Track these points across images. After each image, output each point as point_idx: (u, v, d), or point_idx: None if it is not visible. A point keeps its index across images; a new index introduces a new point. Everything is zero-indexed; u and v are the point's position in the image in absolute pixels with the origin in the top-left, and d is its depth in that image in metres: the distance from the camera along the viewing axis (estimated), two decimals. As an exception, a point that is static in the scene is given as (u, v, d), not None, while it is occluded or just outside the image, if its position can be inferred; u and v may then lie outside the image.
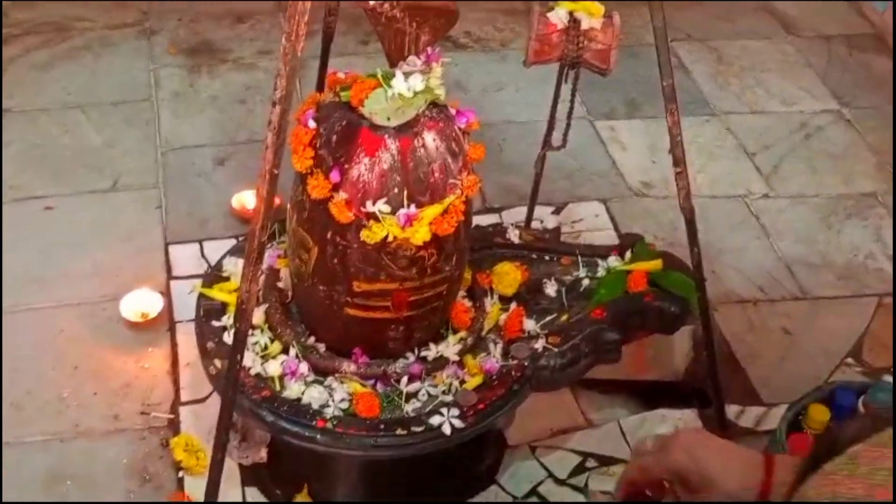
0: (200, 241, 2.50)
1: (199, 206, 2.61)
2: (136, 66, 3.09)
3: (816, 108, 3.13)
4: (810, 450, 0.91)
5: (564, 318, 1.94)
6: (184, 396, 2.17)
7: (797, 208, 2.77)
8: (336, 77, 1.71)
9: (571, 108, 2.04)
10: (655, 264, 2.03)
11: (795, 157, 2.94)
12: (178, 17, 3.31)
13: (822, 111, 3.12)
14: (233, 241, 2.23)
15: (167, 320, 2.31)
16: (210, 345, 1.85)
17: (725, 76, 3.24)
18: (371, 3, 1.62)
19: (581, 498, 2.03)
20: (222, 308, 1.90)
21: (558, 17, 1.84)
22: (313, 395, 1.74)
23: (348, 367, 1.78)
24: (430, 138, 1.61)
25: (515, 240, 2.09)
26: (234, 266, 1.94)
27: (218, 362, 1.81)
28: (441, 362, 1.82)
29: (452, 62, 2.82)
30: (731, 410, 2.19)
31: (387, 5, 1.62)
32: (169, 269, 2.43)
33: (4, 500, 1.91)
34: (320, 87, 2.01)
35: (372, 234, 1.60)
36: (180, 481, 2.02)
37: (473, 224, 1.88)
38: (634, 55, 3.10)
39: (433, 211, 1.62)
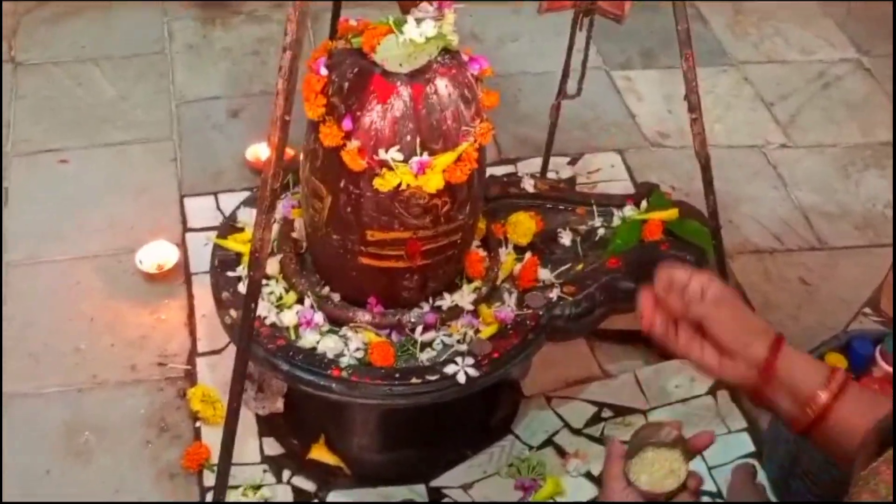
0: (215, 194, 2.50)
1: (213, 158, 2.61)
2: (150, 19, 3.07)
3: (835, 56, 3.09)
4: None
5: (579, 267, 1.93)
6: (200, 347, 2.18)
7: (815, 158, 2.75)
8: (348, 24, 1.70)
9: (586, 56, 2.02)
10: (671, 213, 2.02)
11: (813, 107, 2.91)
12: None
13: (840, 60, 3.08)
14: (247, 193, 2.22)
15: (183, 272, 2.31)
16: (225, 295, 1.85)
17: (743, 26, 3.20)
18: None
19: (596, 447, 2.03)
20: (237, 258, 1.90)
21: (572, -37, 1.83)
22: (328, 345, 1.74)
23: (363, 316, 1.78)
24: (442, 85, 1.60)
25: (530, 189, 2.08)
26: (249, 217, 1.94)
27: (233, 312, 1.81)
28: (456, 311, 1.81)
29: (466, 12, 2.80)
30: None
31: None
32: (184, 221, 2.44)
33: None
34: (332, 36, 1.99)
35: (385, 182, 1.59)
36: (197, 431, 2.03)
37: (488, 174, 1.87)
38: (651, 4, 3.06)
39: (446, 158, 1.61)
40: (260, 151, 2.55)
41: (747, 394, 1.29)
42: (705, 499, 1.94)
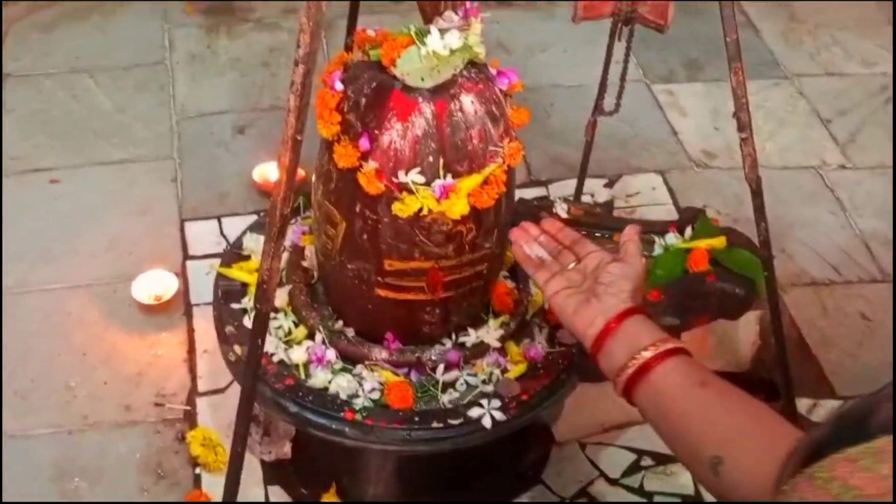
0: (219, 218, 2.51)
1: (217, 178, 2.62)
2: (150, 27, 3.11)
3: (900, 69, 3.09)
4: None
5: (617, 300, 1.92)
6: (201, 386, 2.18)
7: (877, 180, 2.74)
8: (365, 35, 1.71)
9: (625, 69, 2.02)
10: (718, 241, 2.01)
11: (875, 124, 2.90)
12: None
13: (905, 73, 3.08)
14: (254, 217, 2.23)
15: (183, 303, 2.32)
16: (229, 329, 1.85)
17: (798, 34, 3.20)
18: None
19: (635, 499, 2.02)
20: (242, 289, 1.91)
21: (611, -33, 1.83)
22: (341, 384, 1.74)
23: (379, 353, 1.78)
24: (468, 101, 1.60)
25: (563, 214, 2.08)
26: (256, 243, 1.95)
27: (238, 348, 1.81)
28: (481, 349, 1.81)
29: (494, 19, 2.80)
30: (803, 404, 2.17)
31: (420, -43, 1.61)
32: (185, 247, 2.45)
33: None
34: (349, 47, 2.00)
35: (404, 207, 1.60)
36: (197, 478, 2.03)
37: (517, 197, 1.87)
38: (696, 10, 3.05)
39: (472, 181, 1.61)
40: (268, 172, 2.56)
41: (586, 347, 1.45)
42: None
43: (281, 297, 1.85)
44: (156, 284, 2.33)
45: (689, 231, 2.05)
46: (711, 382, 1.30)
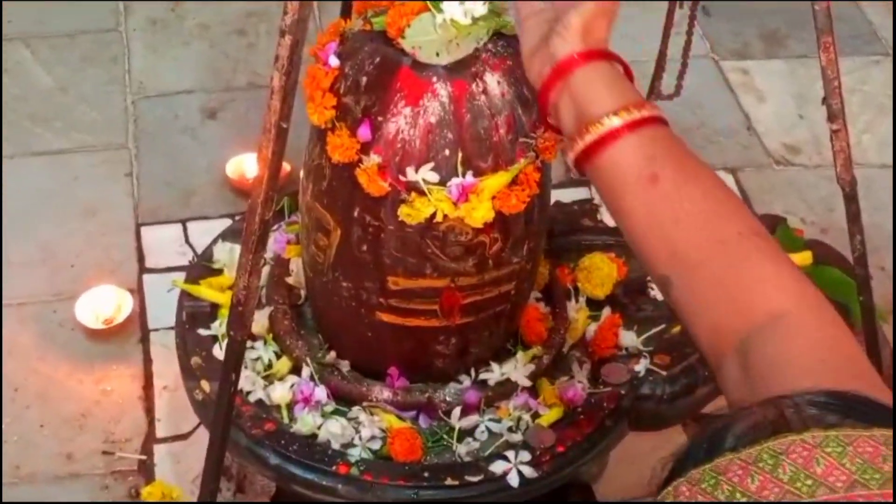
0: (184, 222, 2.52)
1: (182, 173, 2.63)
2: (100, -16, 3.12)
3: None
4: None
5: (676, 329, 1.92)
6: (159, 431, 2.19)
7: None
8: (367, -2, 1.72)
9: (689, 41, 2.02)
10: (803, 257, 2.01)
11: None
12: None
13: None
14: (227, 222, 2.24)
15: (138, 328, 2.33)
16: (195, 361, 1.85)
17: (903, 0, 3.21)
18: None
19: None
20: (212, 311, 1.91)
21: (672, -82, 1.83)
22: (333, 431, 1.75)
23: (381, 392, 1.78)
24: (493, 81, 1.61)
25: (611, 223, 2.08)
26: (229, 254, 1.95)
27: (206, 385, 1.81)
28: (506, 388, 1.81)
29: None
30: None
31: None
32: (141, 258, 2.45)
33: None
34: (346, 13, 2.01)
35: (414, 212, 1.60)
36: (154, 545, 2.04)
37: (553, 200, 1.87)
38: (777, -29, 3.08)
39: (497, 181, 1.61)
40: (245, 166, 2.57)
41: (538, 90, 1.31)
42: None
43: (260, 322, 1.85)
44: (105, 304, 2.33)
45: (766, 244, 2.05)
46: (667, 175, 1.19)
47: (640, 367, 1.86)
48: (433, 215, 1.60)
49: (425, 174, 1.59)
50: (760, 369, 1.06)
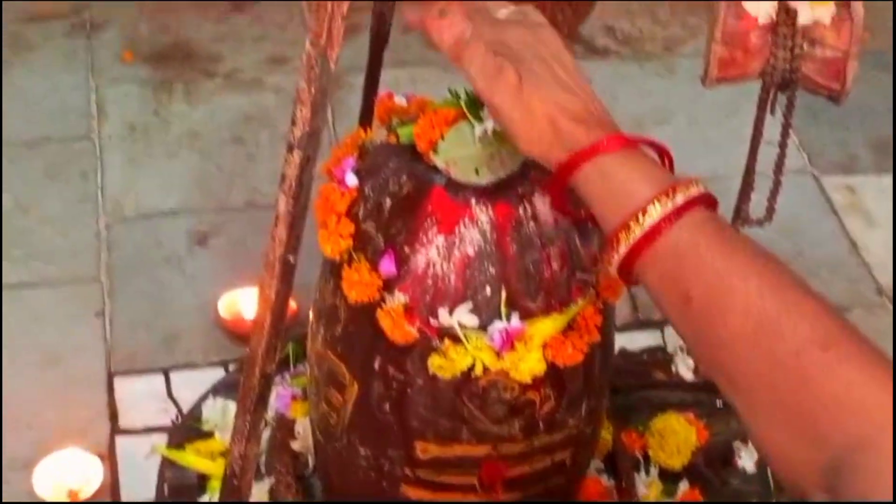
0: (166, 372, 2.52)
1: (165, 312, 2.64)
2: (68, 83, 3.17)
3: None
4: None
5: (771, 508, 1.93)
6: None
7: None
8: (392, 103, 1.74)
9: (782, 154, 2.04)
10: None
11: None
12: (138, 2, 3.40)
13: None
14: (219, 372, 2.26)
15: (109, 501, 2.33)
16: (179, 544, 1.86)
17: None
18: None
19: None
20: (200, 483, 1.92)
21: (760, 4, 1.87)
22: None
23: (407, 585, 1.78)
24: (544, 205, 1.63)
25: (688, 376, 2.09)
26: (221, 413, 1.97)
27: (191, 574, 1.82)
28: (562, 580, 1.81)
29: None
30: None
31: (476, -13, 1.66)
32: (114, 415, 2.45)
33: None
34: (366, 121, 2.04)
35: (447, 364, 1.61)
36: None
37: (617, 349, 1.88)
38: (887, 66, 3.11)
39: (549, 326, 1.63)
40: (242, 303, 2.57)
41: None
42: None
43: (259, 496, 1.85)
44: (69, 472, 2.33)
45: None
46: (699, 293, 1.23)
47: (726, 554, 1.87)
48: (471, 368, 1.61)
49: (462, 317, 1.61)
50: None
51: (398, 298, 1.61)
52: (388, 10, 2.03)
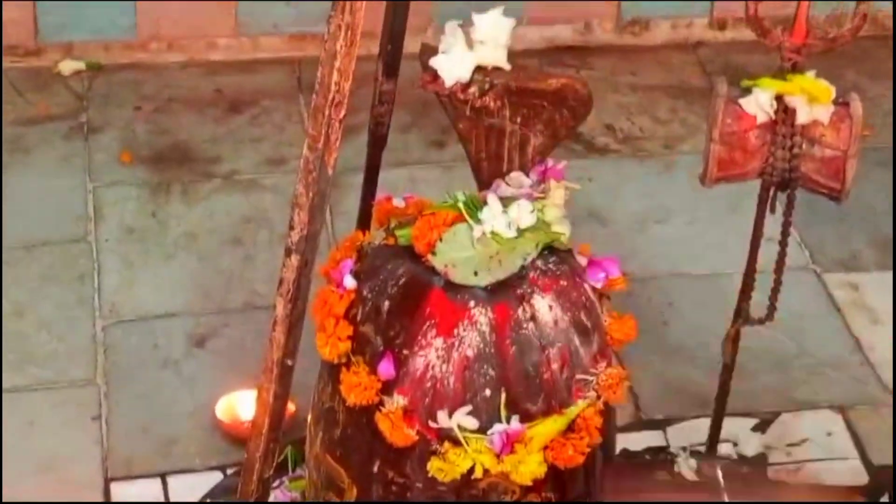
0: (163, 476, 2.52)
1: (161, 415, 2.64)
2: (65, 185, 3.17)
3: None
4: None
5: None
6: None
7: None
8: (390, 205, 1.75)
9: (783, 252, 2.05)
10: (932, 519, 2.00)
11: None
12: (136, 105, 3.42)
13: None
14: (217, 476, 2.25)
15: None
16: None
17: None
18: (447, 84, 1.66)
19: None
20: (199, 593, 1.91)
21: (758, 104, 1.87)
22: None
23: None
24: (544, 306, 1.63)
25: (691, 476, 2.08)
26: (219, 519, 1.95)
27: None
28: None
29: (583, 177, 2.85)
30: None
31: (474, 88, 1.66)
32: (111, 521, 2.45)
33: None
34: (364, 222, 2.05)
35: (447, 467, 1.60)
36: None
37: (618, 450, 1.87)
38: (888, 163, 3.12)
39: (550, 427, 1.62)
40: (239, 407, 2.57)
41: None
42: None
43: None
44: (67, 580, 2.32)
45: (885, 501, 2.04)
46: None
47: None
48: (471, 470, 1.61)
49: (461, 419, 1.60)
50: None
51: (397, 401, 1.61)
52: (387, 112, 2.04)
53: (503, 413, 1.62)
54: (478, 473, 1.61)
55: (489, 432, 1.61)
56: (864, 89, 3.35)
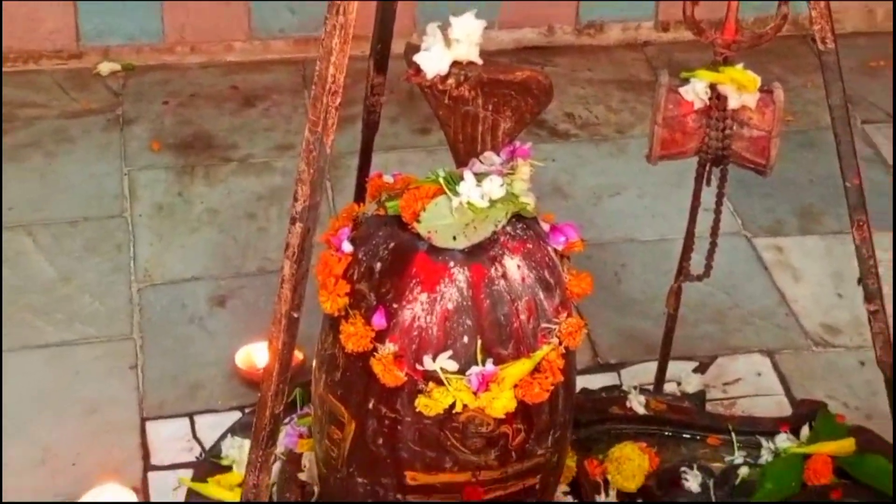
0: (191, 416, 2.52)
1: (190, 365, 2.64)
2: (104, 169, 3.18)
3: None
4: None
5: (714, 524, 1.92)
6: None
7: None
8: (381, 181, 1.75)
9: (717, 219, 2.05)
10: (845, 445, 2.00)
11: None
12: (164, 100, 3.43)
13: None
14: (236, 415, 2.25)
15: (143, 528, 2.32)
16: (203, 566, 1.85)
17: (945, 171, 3.24)
18: (429, 77, 1.67)
19: None
20: (220, 510, 1.92)
21: (695, 92, 1.88)
22: None
23: None
24: (513, 265, 1.63)
25: (640, 410, 2.09)
26: (238, 450, 1.96)
27: (213, 590, 1.81)
28: (534, 590, 1.80)
29: (547, 157, 2.85)
30: None
31: (451, 80, 1.67)
32: (146, 454, 2.44)
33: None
34: (359, 196, 2.05)
35: (432, 403, 1.61)
36: None
37: (579, 388, 1.88)
38: (808, 143, 3.13)
39: (519, 369, 1.63)
40: (255, 356, 2.57)
41: None
42: None
43: (271, 522, 1.85)
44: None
45: (806, 431, 2.05)
46: None
47: (676, 565, 1.85)
48: (452, 406, 1.62)
49: (443, 363, 1.61)
50: None
51: (388, 348, 1.62)
52: (378, 103, 2.05)
53: (479, 357, 1.62)
54: (458, 408, 1.62)
55: (467, 373, 1.62)
56: (787, 81, 3.35)
